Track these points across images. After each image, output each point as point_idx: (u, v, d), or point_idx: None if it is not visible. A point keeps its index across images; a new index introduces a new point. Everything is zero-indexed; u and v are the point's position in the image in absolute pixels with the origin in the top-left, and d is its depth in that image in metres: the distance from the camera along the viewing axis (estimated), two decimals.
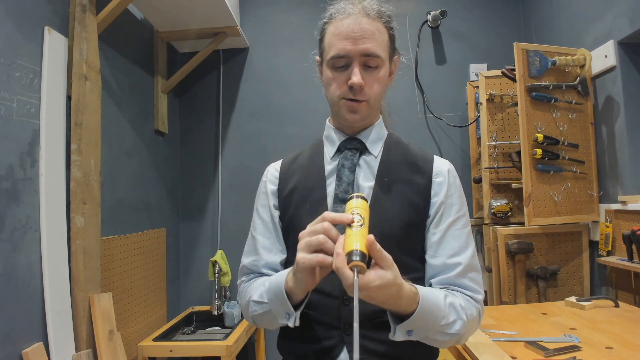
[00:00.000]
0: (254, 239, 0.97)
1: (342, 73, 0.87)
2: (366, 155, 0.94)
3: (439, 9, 2.48)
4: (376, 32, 0.85)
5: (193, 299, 2.57)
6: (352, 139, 0.95)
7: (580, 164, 1.91)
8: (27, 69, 1.38)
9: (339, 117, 0.93)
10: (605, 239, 1.80)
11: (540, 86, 1.87)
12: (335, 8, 0.89)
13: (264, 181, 1.01)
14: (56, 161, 1.49)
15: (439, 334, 0.77)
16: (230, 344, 1.88)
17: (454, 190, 0.91)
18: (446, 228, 0.88)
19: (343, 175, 0.90)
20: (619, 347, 1.13)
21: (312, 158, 0.98)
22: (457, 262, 0.85)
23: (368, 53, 0.84)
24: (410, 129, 2.52)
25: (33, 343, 1.33)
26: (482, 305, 0.86)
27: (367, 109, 0.89)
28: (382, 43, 0.86)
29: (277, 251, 0.95)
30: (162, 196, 2.38)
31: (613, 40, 1.76)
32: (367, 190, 0.89)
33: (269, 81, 2.64)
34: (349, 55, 0.84)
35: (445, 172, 0.91)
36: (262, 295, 0.85)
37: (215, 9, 2.10)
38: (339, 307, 0.84)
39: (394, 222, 0.86)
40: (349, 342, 0.82)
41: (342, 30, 0.85)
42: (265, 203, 0.98)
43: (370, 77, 0.86)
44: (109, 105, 1.85)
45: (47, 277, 1.40)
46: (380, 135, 0.97)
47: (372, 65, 0.86)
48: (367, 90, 0.86)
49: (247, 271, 0.97)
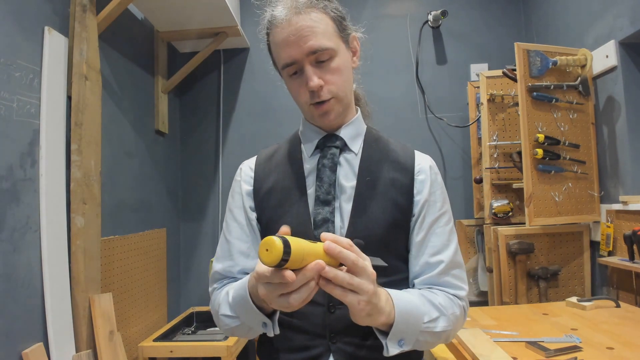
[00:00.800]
0: (228, 243, 0.91)
1: (300, 79, 0.82)
2: (346, 152, 0.89)
3: (440, 9, 2.48)
4: (314, 24, 0.79)
5: (193, 299, 2.56)
6: (330, 136, 0.90)
7: (581, 164, 1.90)
8: (27, 69, 1.38)
9: (315, 122, 0.90)
10: (606, 239, 1.79)
11: (541, 86, 1.86)
12: (267, 17, 0.86)
13: (237, 181, 0.95)
14: (56, 161, 1.49)
15: (427, 335, 0.75)
16: (230, 345, 1.87)
17: (436, 187, 0.88)
18: (429, 227, 0.85)
19: (324, 175, 0.86)
20: (620, 347, 1.13)
21: (290, 156, 0.92)
22: (439, 260, 0.83)
23: (313, 50, 0.78)
24: (411, 129, 2.52)
25: (33, 343, 1.33)
26: (466, 301, 0.85)
27: (338, 104, 0.84)
28: (326, 31, 0.80)
29: (254, 256, 0.89)
30: (162, 196, 2.38)
31: (614, 40, 1.75)
32: (349, 191, 0.85)
33: (269, 81, 2.63)
34: (296, 61, 0.80)
35: (427, 169, 0.88)
36: (230, 308, 0.81)
37: (216, 9, 2.10)
38: (324, 315, 0.81)
39: (378, 222, 0.83)
40: (335, 350, 0.80)
41: (280, 39, 0.81)
42: (240, 205, 0.92)
43: (327, 72, 0.81)
44: (109, 105, 1.85)
45: (47, 277, 1.39)
46: (359, 130, 0.92)
47: (324, 59, 0.80)
48: (328, 87, 0.81)
49: (220, 277, 0.91)
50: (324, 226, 0.82)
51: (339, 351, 0.79)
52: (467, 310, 0.87)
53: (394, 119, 2.51)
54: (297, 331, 0.82)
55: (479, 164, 2.34)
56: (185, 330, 2.24)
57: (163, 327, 2.15)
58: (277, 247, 0.52)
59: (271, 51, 0.88)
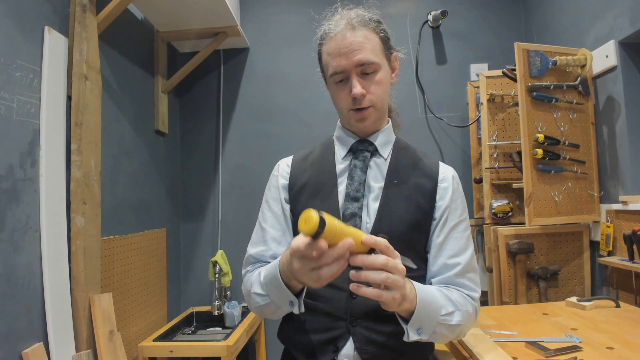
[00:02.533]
0: (263, 230, 1.00)
1: (344, 86, 0.92)
2: (376, 157, 0.99)
3: (440, 9, 2.48)
4: (364, 41, 0.90)
5: (193, 299, 2.56)
6: (363, 141, 0.99)
7: (581, 164, 1.91)
8: (27, 69, 1.38)
9: (351, 127, 0.99)
10: (606, 239, 1.79)
11: (541, 86, 1.86)
12: (323, 29, 0.96)
13: (275, 175, 1.04)
14: (56, 161, 1.49)
15: (443, 328, 0.82)
16: (230, 345, 1.87)
17: (457, 196, 0.97)
18: (449, 231, 0.93)
19: (355, 174, 0.95)
20: (620, 347, 1.13)
21: (324, 157, 1.02)
22: (456, 263, 0.91)
23: (361, 63, 0.89)
24: (411, 128, 2.52)
25: (33, 343, 1.33)
26: (478, 303, 0.92)
27: (375, 113, 0.94)
28: (374, 48, 0.91)
29: (285, 243, 0.98)
30: (162, 196, 2.38)
31: (614, 40, 1.75)
32: (377, 191, 0.94)
33: (269, 81, 2.64)
34: (345, 70, 0.90)
35: (450, 178, 0.97)
36: (261, 286, 0.89)
37: (216, 8, 2.10)
38: (347, 300, 0.88)
39: (401, 221, 0.91)
40: (355, 333, 0.87)
41: (333, 49, 0.91)
42: (277, 196, 1.01)
43: (370, 83, 0.91)
44: (109, 105, 1.85)
45: (47, 277, 1.39)
46: (389, 138, 1.02)
47: (369, 72, 0.91)
48: (369, 96, 0.91)
49: (254, 260, 0.99)
50: (351, 220, 0.90)
51: (357, 334, 0.87)
52: (479, 312, 0.94)
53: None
54: (320, 314, 0.90)
55: (478, 164, 2.34)
56: (185, 330, 2.24)
57: (163, 327, 2.15)
58: (314, 218, 0.59)
59: (321, 59, 0.99)
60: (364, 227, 0.91)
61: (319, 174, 0.99)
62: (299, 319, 0.90)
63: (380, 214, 0.91)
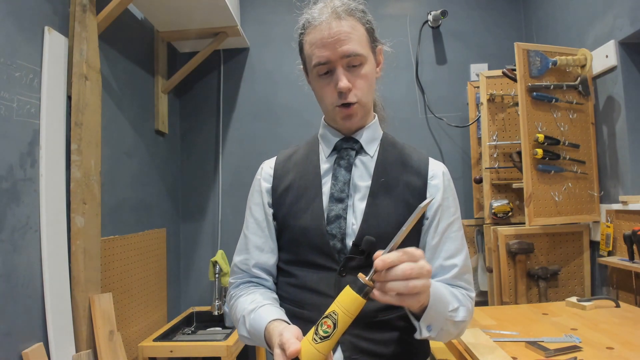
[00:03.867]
0: (245, 238, 0.97)
1: (329, 80, 0.87)
2: (362, 155, 0.94)
3: (440, 9, 2.48)
4: (351, 31, 0.84)
5: (193, 299, 2.56)
6: (348, 138, 0.95)
7: (581, 164, 1.91)
8: (27, 69, 1.38)
9: (335, 124, 0.95)
10: (606, 239, 1.79)
11: (541, 86, 1.86)
12: (305, 17, 0.89)
13: (257, 179, 1.01)
14: (56, 161, 1.49)
15: (450, 324, 0.80)
16: (230, 344, 1.87)
17: (449, 193, 0.92)
18: (443, 231, 0.90)
19: (339, 174, 0.90)
20: (620, 347, 1.13)
21: (308, 156, 0.97)
22: (453, 264, 0.88)
23: (347, 54, 0.84)
24: (411, 129, 2.52)
25: (33, 343, 1.33)
26: (473, 302, 0.91)
27: (361, 110, 0.90)
28: (360, 39, 0.86)
29: (268, 250, 0.95)
30: (162, 196, 2.38)
31: (614, 40, 1.75)
32: (364, 190, 0.89)
33: (269, 81, 2.64)
34: (330, 61, 0.85)
35: (441, 174, 0.92)
36: (247, 332, 0.86)
37: (216, 9, 2.10)
38: None
39: (389, 222, 0.86)
40: (343, 342, 0.83)
41: (317, 39, 0.85)
42: (259, 201, 0.97)
43: (356, 77, 0.86)
44: (109, 105, 1.85)
45: (47, 277, 1.39)
46: (376, 135, 0.97)
47: (355, 64, 0.86)
48: (355, 91, 0.86)
49: (237, 270, 0.98)
50: (336, 222, 0.86)
51: (346, 342, 0.83)
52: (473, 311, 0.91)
53: (394, 119, 2.51)
54: (308, 322, 0.85)
55: (478, 164, 2.34)
56: (185, 330, 2.24)
57: (163, 327, 2.15)
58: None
59: (303, 50, 0.92)
60: (349, 229, 0.86)
61: (303, 175, 0.94)
62: None
63: (367, 214, 0.86)
